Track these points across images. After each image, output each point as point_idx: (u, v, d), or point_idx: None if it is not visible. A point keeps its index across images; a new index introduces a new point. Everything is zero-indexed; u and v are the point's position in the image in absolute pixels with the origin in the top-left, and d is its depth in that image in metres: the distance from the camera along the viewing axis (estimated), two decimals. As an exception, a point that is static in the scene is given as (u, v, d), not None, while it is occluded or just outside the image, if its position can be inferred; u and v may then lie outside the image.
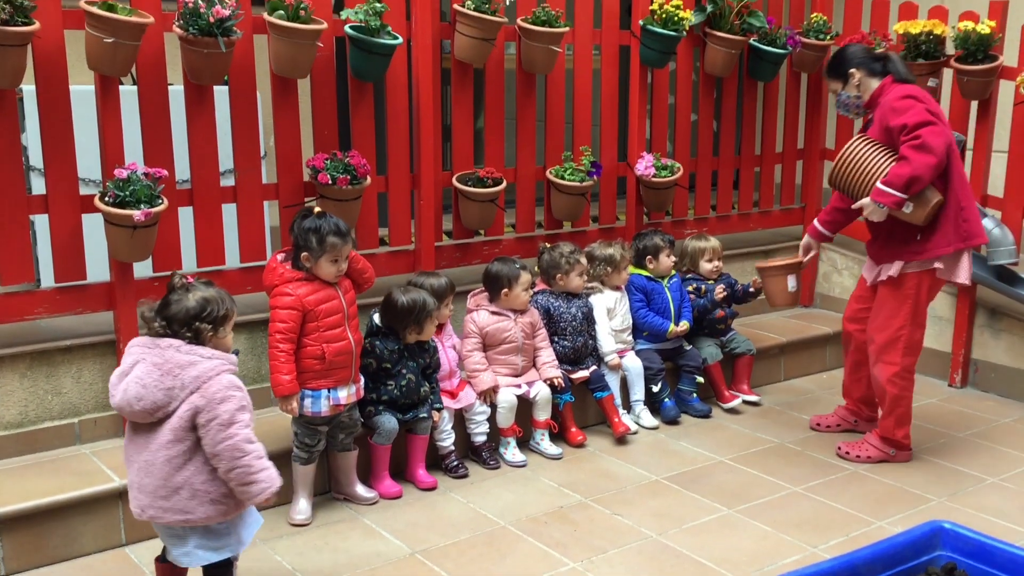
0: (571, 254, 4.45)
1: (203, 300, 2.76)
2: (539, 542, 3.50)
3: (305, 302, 3.51)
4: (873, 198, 3.84)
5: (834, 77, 4.15)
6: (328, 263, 3.54)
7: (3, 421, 3.66)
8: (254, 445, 2.71)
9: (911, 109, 3.82)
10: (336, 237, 3.51)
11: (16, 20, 3.35)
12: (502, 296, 4.23)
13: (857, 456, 4.21)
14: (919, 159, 3.74)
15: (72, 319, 3.87)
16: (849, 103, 4.14)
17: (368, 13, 4.04)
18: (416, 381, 3.88)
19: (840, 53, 4.16)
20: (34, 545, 3.28)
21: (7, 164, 3.59)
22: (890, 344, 4.06)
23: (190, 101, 3.91)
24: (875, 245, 4.11)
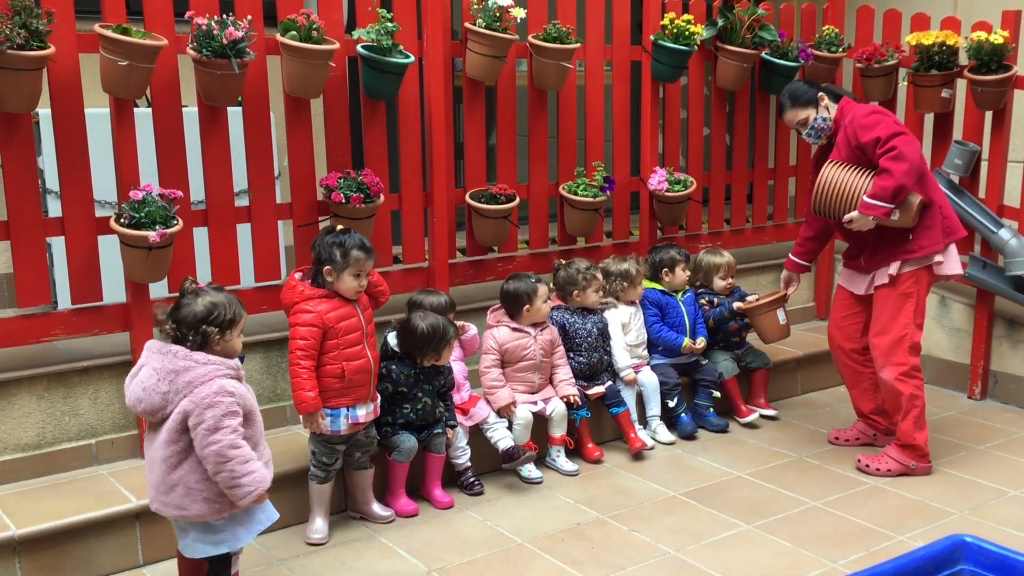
0: (587, 270, 4.45)
1: (211, 304, 2.86)
2: (556, 559, 3.48)
3: (326, 319, 3.50)
4: (861, 211, 3.91)
5: (804, 105, 4.19)
6: (350, 277, 3.54)
7: (21, 443, 3.68)
8: (239, 451, 2.79)
9: (880, 123, 3.95)
10: (361, 251, 3.53)
11: (31, 45, 3.38)
12: (524, 312, 4.22)
13: (877, 470, 4.17)
14: (899, 168, 3.84)
15: (89, 340, 3.89)
16: (822, 127, 4.18)
17: (380, 32, 4.06)
18: (432, 404, 3.88)
19: (796, 87, 4.26)
20: (52, 566, 3.29)
21: (24, 187, 3.63)
22: (896, 345, 4.09)
23: (204, 122, 3.93)
24: (865, 255, 4.15)
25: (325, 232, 3.60)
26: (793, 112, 4.23)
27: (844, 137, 4.07)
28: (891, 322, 4.09)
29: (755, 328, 4.70)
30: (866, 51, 5.37)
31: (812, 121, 4.18)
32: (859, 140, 3.97)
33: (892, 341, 4.09)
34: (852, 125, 4.02)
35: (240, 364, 2.92)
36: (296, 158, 4.18)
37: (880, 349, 4.12)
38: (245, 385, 2.92)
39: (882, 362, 4.12)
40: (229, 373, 2.83)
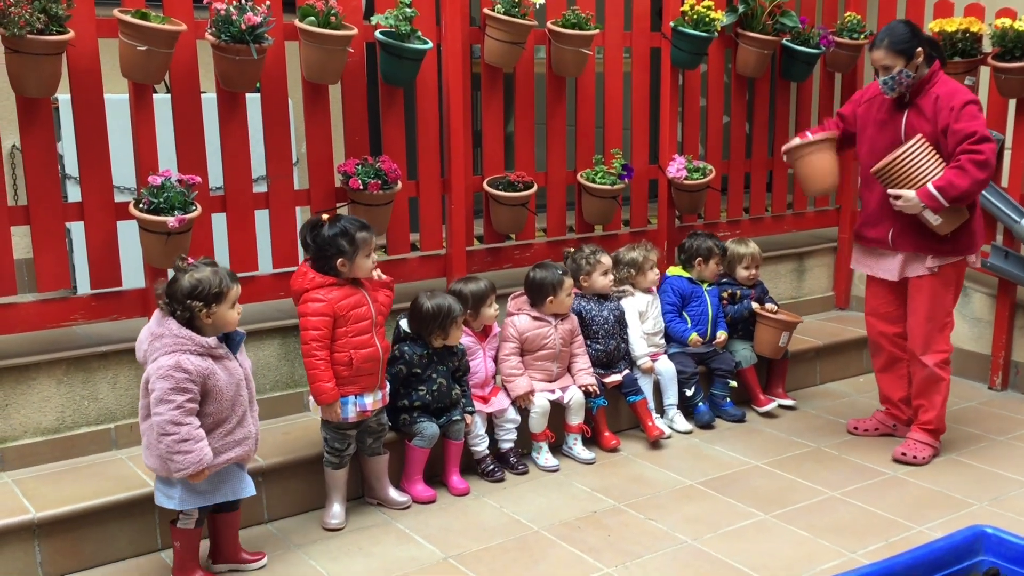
0: (591, 254, 4.44)
1: (196, 280, 3.02)
2: (572, 547, 3.48)
3: (336, 307, 3.50)
4: (919, 196, 3.83)
5: (899, 53, 3.87)
6: (364, 258, 3.54)
7: (40, 427, 3.70)
8: (178, 428, 2.97)
9: (979, 118, 3.84)
10: (364, 232, 3.54)
11: (51, 30, 3.39)
12: (547, 303, 4.21)
13: (914, 457, 4.16)
14: (977, 175, 3.77)
15: (108, 325, 3.90)
16: (903, 82, 3.92)
17: (398, 18, 4.05)
18: (447, 385, 3.88)
19: (900, 29, 3.93)
20: (71, 549, 3.31)
21: (44, 172, 3.64)
22: (939, 331, 4.11)
23: (223, 108, 3.93)
24: (894, 230, 4.06)
25: (313, 225, 3.52)
26: (885, 54, 3.89)
27: (931, 107, 3.90)
28: (934, 309, 4.08)
29: (755, 335, 4.76)
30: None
31: (896, 72, 3.91)
32: (950, 123, 3.82)
33: (935, 328, 4.09)
34: (947, 103, 3.85)
35: (217, 342, 3.05)
36: (314, 144, 4.18)
37: (922, 336, 4.11)
38: (222, 364, 3.06)
39: (923, 349, 4.11)
40: (192, 349, 2.98)
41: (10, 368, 3.63)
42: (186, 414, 2.98)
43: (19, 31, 3.30)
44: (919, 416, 4.25)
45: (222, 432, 3.10)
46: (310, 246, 3.54)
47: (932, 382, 4.15)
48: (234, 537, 3.37)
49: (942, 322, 4.11)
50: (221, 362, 3.08)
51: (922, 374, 4.17)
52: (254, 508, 3.59)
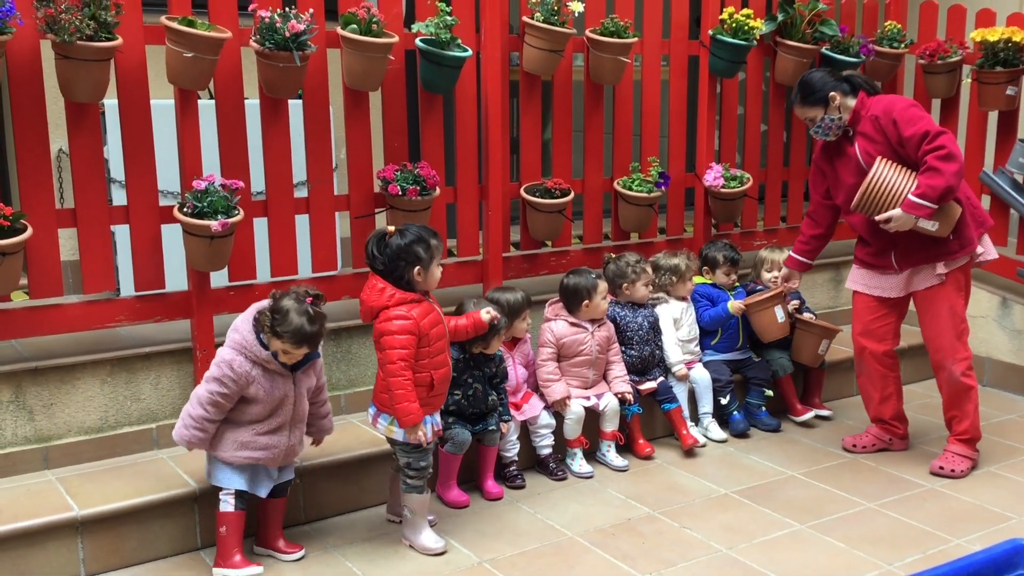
0: (637, 263, 4.44)
1: (284, 310, 3.20)
2: (607, 554, 3.49)
3: (421, 325, 3.35)
4: (905, 210, 3.81)
5: (813, 104, 4.03)
6: (437, 267, 3.43)
7: (84, 426, 3.77)
8: (199, 408, 3.24)
9: (923, 118, 3.87)
10: (435, 238, 3.42)
11: (100, 36, 3.46)
12: (583, 308, 4.23)
13: (952, 471, 4.12)
14: (949, 168, 3.76)
15: (151, 327, 3.97)
16: (831, 126, 4.04)
17: (439, 26, 4.09)
18: (483, 391, 3.90)
19: (809, 82, 4.06)
20: (113, 547, 3.37)
21: (90, 176, 3.71)
22: (958, 339, 4.08)
23: (265, 114, 3.99)
24: (897, 254, 4.07)
25: (379, 238, 3.40)
26: (800, 110, 4.09)
27: (875, 129, 3.95)
28: (950, 317, 4.05)
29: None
30: (929, 47, 5.28)
31: (819, 120, 4.04)
32: (901, 133, 3.86)
33: (954, 336, 4.07)
34: (888, 117, 3.90)
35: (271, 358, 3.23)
36: (354, 150, 4.22)
37: (944, 348, 4.08)
38: (270, 377, 3.25)
39: (947, 360, 4.09)
40: (247, 355, 3.22)
41: (55, 368, 3.70)
42: (212, 403, 3.23)
43: (69, 37, 3.37)
44: (953, 427, 4.21)
45: (254, 431, 3.30)
46: (378, 258, 3.39)
47: (961, 391, 4.12)
48: (276, 524, 3.46)
49: (959, 328, 4.08)
50: (270, 375, 3.25)
51: (950, 386, 4.12)
52: (292, 509, 3.64)
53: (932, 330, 4.11)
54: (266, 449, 3.30)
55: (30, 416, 3.67)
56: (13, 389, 3.63)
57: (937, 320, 4.08)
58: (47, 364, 3.69)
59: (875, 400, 4.38)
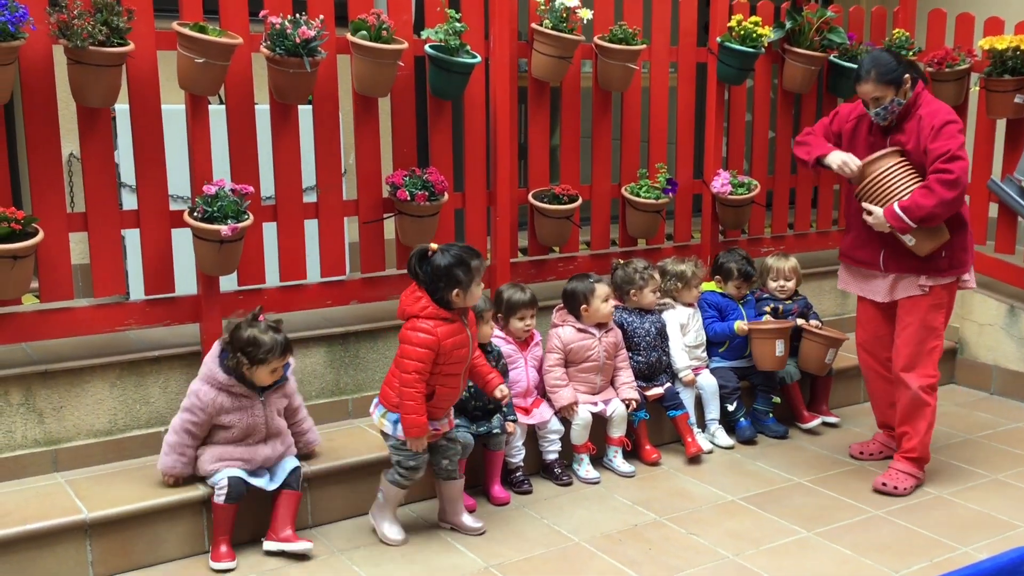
0: (645, 270, 4.45)
1: (252, 338, 3.40)
2: (613, 559, 3.49)
3: (443, 344, 3.39)
4: (885, 215, 3.78)
5: (888, 83, 3.81)
6: (477, 287, 3.47)
7: (93, 429, 3.79)
8: (174, 434, 3.47)
9: (955, 138, 3.77)
10: (477, 260, 3.45)
11: (112, 41, 3.48)
12: (583, 313, 4.24)
13: (895, 488, 4.02)
14: (944, 195, 3.68)
15: (160, 330, 3.99)
16: (895, 110, 3.87)
17: (448, 33, 4.11)
18: None
19: (885, 59, 3.85)
20: (121, 550, 3.38)
21: (101, 180, 3.73)
22: (927, 355, 3.99)
23: (275, 120, 4.01)
24: (885, 253, 3.99)
25: (421, 255, 3.43)
26: (874, 86, 3.82)
27: (915, 128, 3.85)
28: (923, 332, 3.96)
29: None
30: (937, 55, 5.28)
31: (887, 102, 3.85)
32: (929, 143, 3.78)
33: (923, 351, 3.97)
34: (929, 122, 3.80)
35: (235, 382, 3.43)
36: (363, 156, 4.24)
37: (907, 357, 3.99)
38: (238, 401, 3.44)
39: (907, 370, 3.99)
40: (213, 383, 3.43)
41: (65, 371, 3.72)
42: (183, 429, 3.46)
43: (82, 43, 3.40)
44: (902, 444, 4.10)
45: (230, 446, 3.50)
46: (420, 276, 3.43)
47: (916, 407, 4.01)
48: (285, 516, 3.50)
49: (931, 345, 3.97)
50: (237, 399, 3.46)
51: (906, 398, 4.02)
52: (300, 513, 3.64)
53: (901, 339, 4.01)
54: (243, 460, 3.49)
55: (40, 419, 3.69)
56: (23, 392, 3.65)
57: (909, 331, 3.99)
58: (57, 367, 3.71)
59: (882, 407, 4.36)
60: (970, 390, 5.44)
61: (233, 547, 3.47)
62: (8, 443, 3.64)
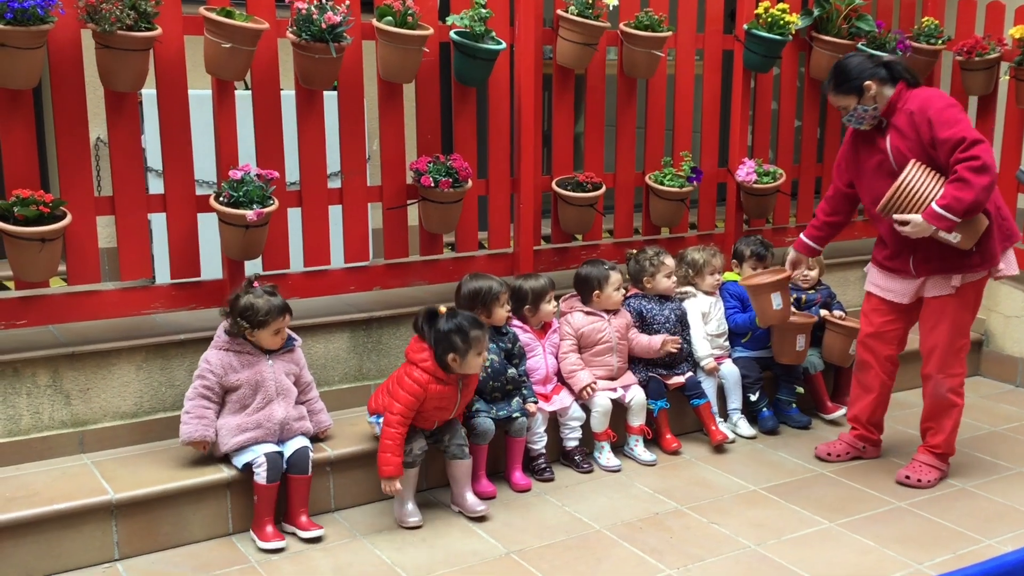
0: (655, 256, 4.45)
1: (249, 304, 3.51)
2: (634, 547, 3.49)
3: (429, 394, 3.55)
4: (926, 219, 3.63)
5: (846, 93, 3.79)
6: (475, 357, 3.57)
7: (120, 411, 3.83)
8: (189, 401, 3.53)
9: (961, 121, 3.66)
10: (478, 330, 3.56)
11: (140, 26, 3.50)
12: (594, 298, 4.25)
13: (919, 480, 3.99)
14: (980, 182, 3.56)
15: (186, 314, 4.02)
16: (864, 115, 3.82)
17: (473, 19, 4.10)
18: (500, 362, 3.92)
19: (844, 68, 3.82)
20: (147, 531, 3.42)
21: (129, 164, 3.76)
22: (955, 355, 3.92)
23: (301, 105, 4.02)
24: (916, 259, 3.88)
25: (429, 315, 3.58)
26: (833, 96, 3.85)
27: (908, 125, 3.74)
28: (953, 331, 3.89)
29: (823, 341, 4.60)
30: (967, 44, 5.23)
31: (852, 110, 3.82)
32: (935, 135, 3.65)
33: (952, 351, 3.91)
34: (924, 115, 3.68)
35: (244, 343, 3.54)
36: (387, 142, 4.25)
37: (938, 359, 3.92)
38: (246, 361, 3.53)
39: (937, 371, 3.94)
40: (221, 345, 3.56)
41: (92, 353, 3.76)
42: (197, 395, 3.52)
43: (110, 27, 3.42)
44: (927, 438, 4.07)
45: (245, 414, 3.55)
46: (425, 335, 3.58)
47: (945, 407, 3.97)
48: (297, 501, 3.54)
49: (958, 344, 3.91)
50: (245, 358, 3.56)
51: (935, 399, 3.98)
52: (322, 496, 3.68)
53: (930, 340, 3.96)
54: (260, 427, 3.53)
55: (67, 400, 3.73)
56: (51, 374, 3.69)
57: (938, 331, 3.92)
58: (84, 349, 3.74)
59: (861, 403, 4.24)
60: (995, 382, 5.40)
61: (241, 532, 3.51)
62: (36, 424, 3.68)
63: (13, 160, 3.56)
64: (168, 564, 3.36)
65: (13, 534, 3.20)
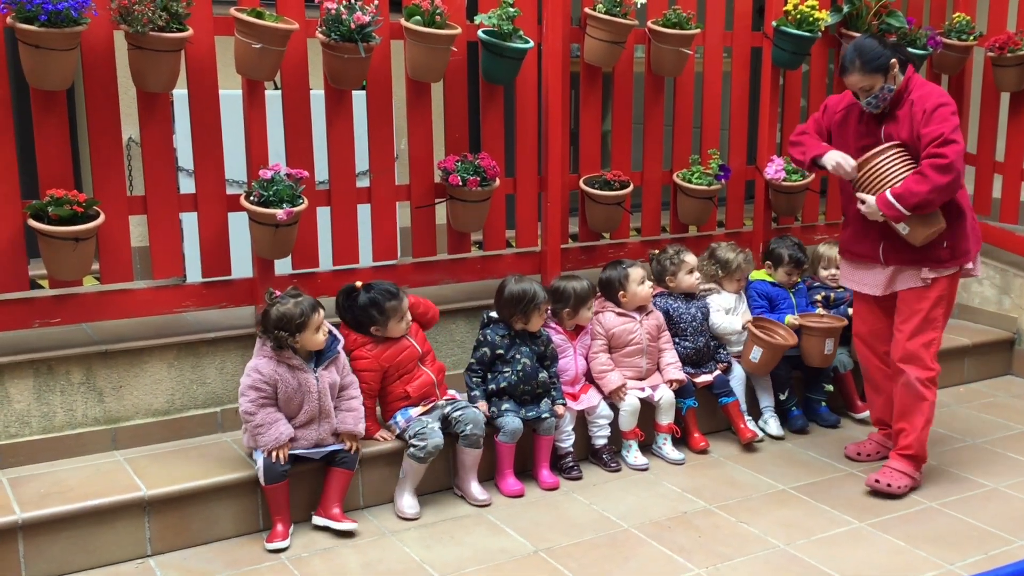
0: (676, 254, 4.45)
1: (280, 314, 3.47)
2: (663, 546, 3.49)
3: (381, 361, 3.78)
4: (878, 203, 3.66)
5: (875, 71, 3.67)
6: (396, 323, 3.78)
7: (152, 408, 3.87)
8: (251, 416, 3.46)
9: (948, 121, 3.62)
10: (394, 300, 3.76)
11: (172, 27, 3.53)
12: (621, 299, 4.24)
13: (888, 486, 3.87)
14: (937, 180, 3.54)
15: (216, 313, 4.05)
16: (886, 97, 3.73)
17: (501, 18, 4.11)
18: (531, 366, 3.94)
19: (868, 47, 3.70)
20: (178, 527, 3.45)
21: (160, 164, 3.80)
22: (926, 348, 3.84)
23: (330, 105, 4.04)
24: (885, 245, 3.84)
25: (347, 293, 3.80)
26: (860, 76, 3.70)
27: (909, 113, 3.71)
28: (924, 324, 3.82)
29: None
30: (999, 40, 5.17)
31: (878, 90, 3.71)
32: (920, 129, 3.64)
33: (923, 344, 3.83)
34: (921, 106, 3.66)
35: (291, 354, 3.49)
36: (415, 141, 4.26)
37: (907, 350, 3.85)
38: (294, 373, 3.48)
39: (906, 362, 3.86)
40: (268, 355, 3.49)
41: (124, 351, 3.80)
42: (258, 406, 3.46)
43: (142, 28, 3.45)
44: (898, 441, 3.95)
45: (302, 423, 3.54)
46: (345, 312, 3.80)
47: (915, 401, 3.86)
48: (333, 493, 3.57)
49: (930, 337, 3.83)
50: (293, 372, 3.50)
51: (904, 392, 3.88)
52: (351, 493, 3.69)
53: (902, 333, 3.87)
54: (296, 440, 3.53)
55: (100, 398, 3.77)
56: (84, 371, 3.74)
57: (909, 323, 3.85)
58: (116, 348, 3.79)
59: (877, 404, 4.21)
60: (1027, 382, 5.36)
61: (290, 523, 3.53)
62: (69, 421, 3.73)
63: (47, 160, 3.60)
64: (200, 560, 3.39)
65: (48, 529, 3.25)
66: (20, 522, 3.21)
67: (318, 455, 3.57)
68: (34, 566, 3.23)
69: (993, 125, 5.48)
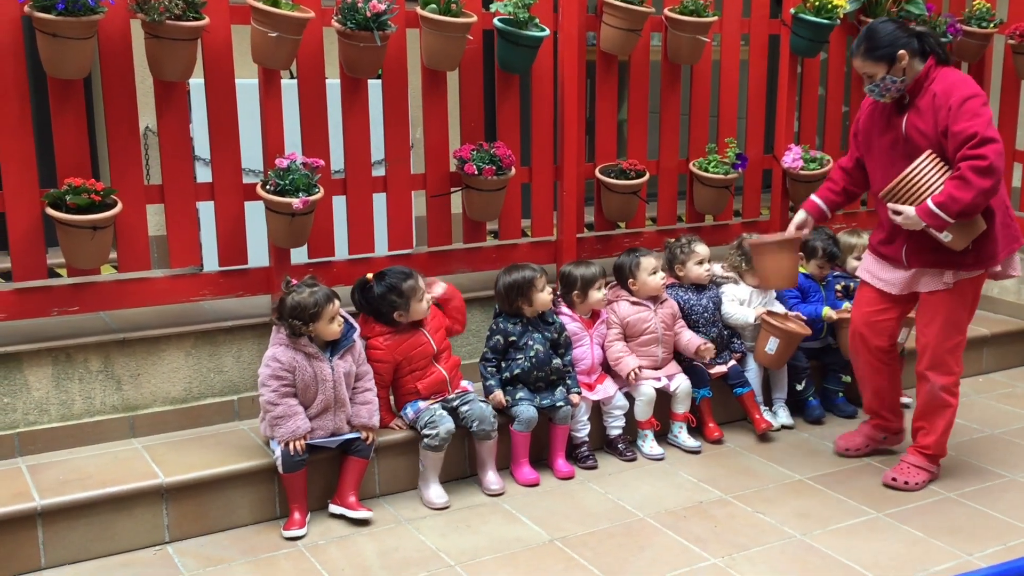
0: (687, 244, 4.43)
1: (295, 302, 3.47)
2: (678, 536, 3.49)
3: (396, 353, 3.77)
4: (919, 214, 3.49)
5: (877, 60, 3.56)
6: (417, 304, 3.76)
7: (169, 396, 3.89)
8: (274, 407, 3.47)
9: (979, 116, 3.44)
10: (410, 280, 3.75)
11: (188, 16, 3.54)
12: (631, 286, 4.24)
13: (905, 483, 3.84)
14: (981, 184, 3.38)
15: (233, 301, 4.07)
16: (891, 87, 3.59)
17: (517, 6, 4.09)
18: (545, 352, 3.94)
19: (877, 32, 3.58)
20: (196, 514, 3.47)
21: (178, 153, 3.81)
22: (950, 352, 3.76)
23: (346, 94, 4.04)
24: (908, 247, 3.73)
25: (362, 287, 3.80)
26: (863, 62, 3.59)
27: (929, 107, 3.55)
28: (948, 328, 3.73)
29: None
30: (1019, 27, 5.12)
31: (879, 79, 3.60)
32: (950, 124, 3.46)
33: (948, 348, 3.76)
34: (945, 100, 3.50)
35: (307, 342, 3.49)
36: (431, 129, 4.26)
37: (933, 355, 3.77)
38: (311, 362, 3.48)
39: (931, 368, 3.79)
40: (286, 343, 3.49)
41: (142, 340, 3.82)
42: (280, 396, 3.47)
43: (159, 17, 3.46)
44: (917, 439, 3.90)
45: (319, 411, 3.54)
46: (364, 306, 3.79)
47: (938, 406, 3.81)
48: (349, 482, 3.59)
49: (955, 341, 3.75)
50: (310, 360, 3.50)
51: (928, 396, 3.82)
52: (367, 482, 3.71)
53: (925, 337, 3.78)
54: (311, 431, 3.53)
55: (118, 386, 3.80)
56: (102, 359, 3.76)
57: (932, 328, 3.77)
58: (134, 336, 3.81)
59: (866, 395, 4.15)
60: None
61: (307, 511, 3.55)
62: (88, 409, 3.76)
63: (65, 149, 3.62)
64: (217, 547, 3.41)
65: (67, 516, 3.28)
66: (39, 509, 3.24)
67: (334, 444, 3.58)
68: (53, 552, 3.26)
69: (1013, 113, 5.43)
